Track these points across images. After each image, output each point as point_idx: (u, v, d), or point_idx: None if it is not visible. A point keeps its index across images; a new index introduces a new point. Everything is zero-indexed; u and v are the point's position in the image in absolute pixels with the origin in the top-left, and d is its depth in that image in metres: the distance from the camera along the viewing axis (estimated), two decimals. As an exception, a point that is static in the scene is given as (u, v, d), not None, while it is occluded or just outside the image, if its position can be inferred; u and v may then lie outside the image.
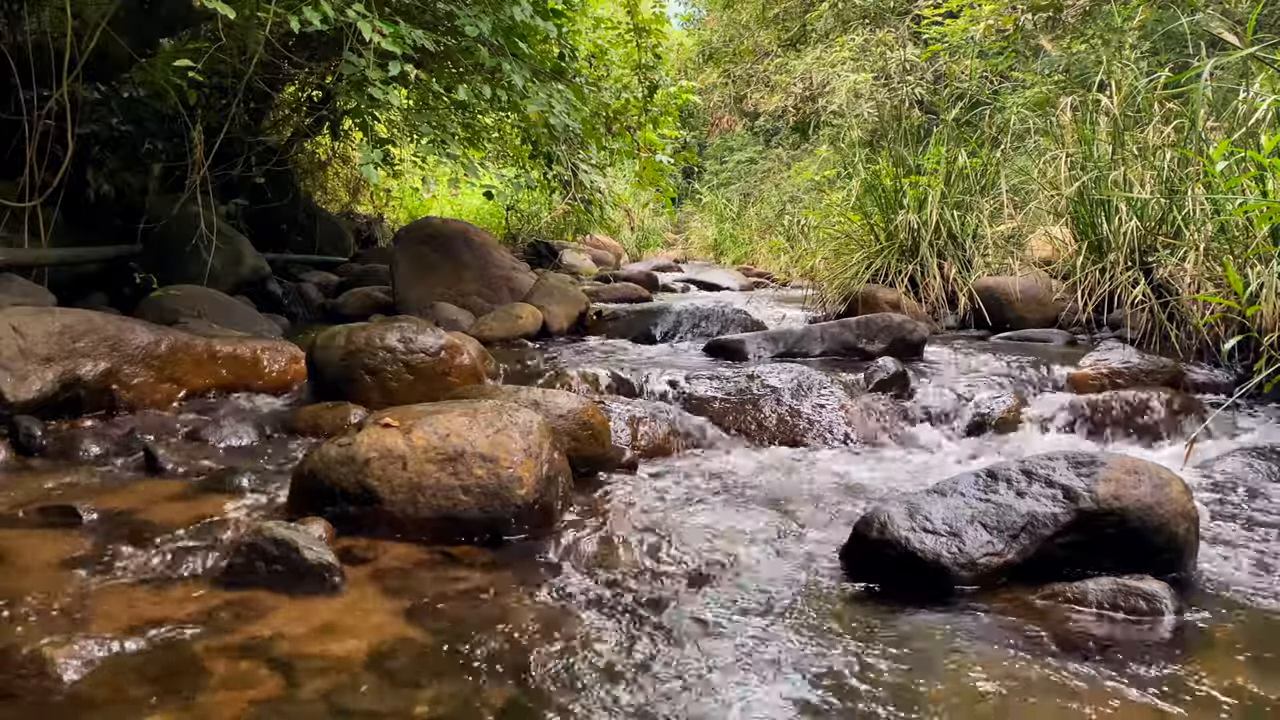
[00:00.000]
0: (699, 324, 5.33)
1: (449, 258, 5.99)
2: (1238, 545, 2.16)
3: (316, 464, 2.17)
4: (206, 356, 3.36)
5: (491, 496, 2.12)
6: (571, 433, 2.62)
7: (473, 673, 1.49)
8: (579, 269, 10.84)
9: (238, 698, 1.39)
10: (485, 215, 12.77)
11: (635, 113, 6.69)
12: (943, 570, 1.85)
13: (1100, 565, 1.88)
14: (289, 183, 7.93)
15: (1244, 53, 4.01)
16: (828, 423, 3.19)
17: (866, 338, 4.37)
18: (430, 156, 9.96)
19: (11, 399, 2.81)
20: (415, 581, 1.87)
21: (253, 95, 6.29)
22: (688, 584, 1.88)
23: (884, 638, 1.65)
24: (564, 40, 5.84)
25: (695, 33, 20.22)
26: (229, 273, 5.70)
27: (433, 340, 3.23)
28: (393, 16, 4.44)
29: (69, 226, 5.14)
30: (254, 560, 1.81)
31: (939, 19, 8.65)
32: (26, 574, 1.81)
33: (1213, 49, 5.05)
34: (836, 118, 11.79)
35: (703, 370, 3.62)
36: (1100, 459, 1.98)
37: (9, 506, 2.20)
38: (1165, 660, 1.58)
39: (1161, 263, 4.48)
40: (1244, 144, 3.94)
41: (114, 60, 4.86)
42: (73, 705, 1.37)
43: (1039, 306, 5.26)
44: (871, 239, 6.22)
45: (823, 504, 2.44)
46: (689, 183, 20.13)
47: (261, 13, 4.06)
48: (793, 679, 1.49)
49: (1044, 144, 6.24)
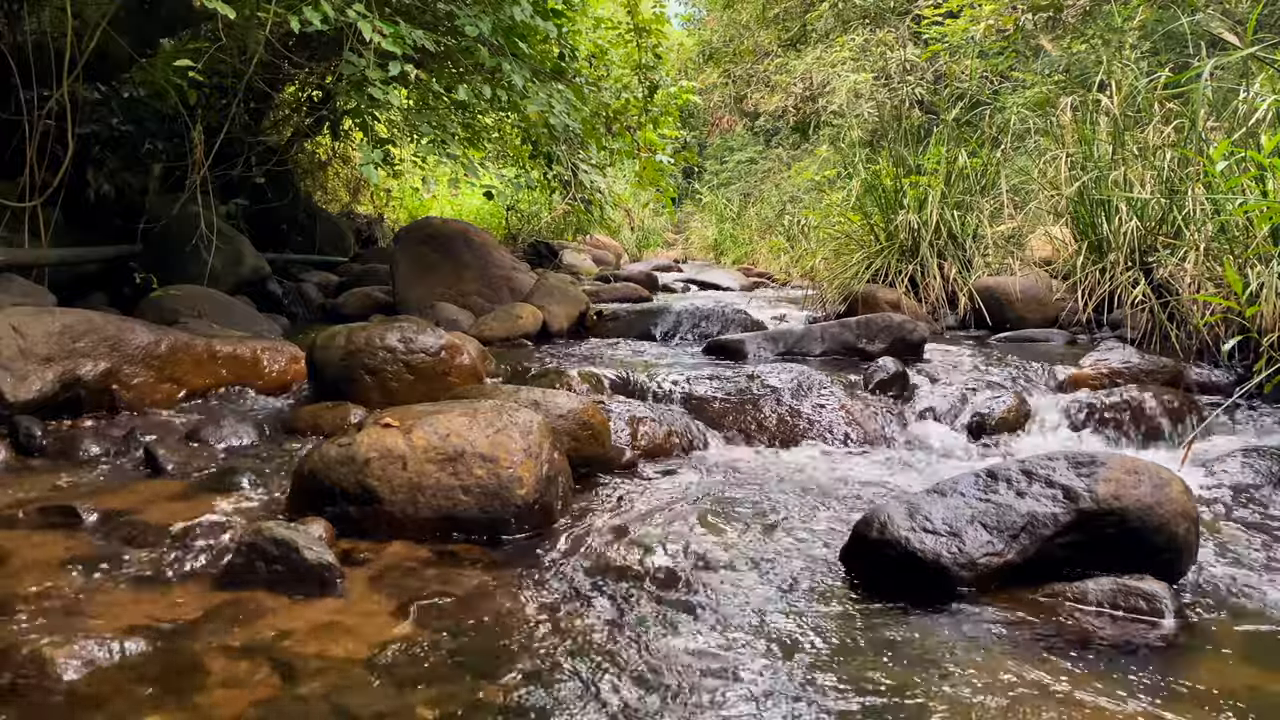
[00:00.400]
0: (699, 324, 5.33)
1: (449, 258, 5.99)
2: (1238, 545, 2.16)
3: (316, 464, 2.17)
4: (206, 356, 3.36)
5: (491, 496, 2.12)
6: (571, 433, 2.62)
7: (473, 673, 1.49)
8: (579, 269, 10.84)
9: (238, 698, 1.39)
10: (485, 215, 12.77)
11: (635, 113, 6.69)
12: (943, 570, 1.85)
13: (1100, 565, 1.88)
14: (289, 183, 7.93)
15: (1244, 53, 4.01)
16: (828, 423, 3.19)
17: (866, 338, 4.37)
18: (430, 156, 9.96)
19: (11, 399, 2.81)
20: (415, 581, 1.87)
21: (253, 95, 6.29)
22: (688, 584, 1.88)
23: (884, 637, 1.65)
24: (564, 40, 5.84)
25: (695, 33, 20.22)
26: (229, 273, 5.70)
27: (433, 340, 3.23)
28: (393, 16, 4.44)
29: (69, 226, 5.14)
30: (254, 560, 1.81)
31: (939, 19, 8.65)
32: (26, 574, 1.81)
33: (1213, 49, 5.05)
34: (836, 118, 11.78)
35: (703, 370, 3.62)
36: (1100, 459, 1.98)
37: (9, 506, 2.20)
38: (1165, 660, 1.58)
39: (1161, 263, 4.48)
40: (1244, 144, 3.94)
41: (114, 60, 4.86)
42: (73, 705, 1.37)
43: (1039, 306, 5.26)
44: (871, 239, 6.22)
45: (823, 504, 2.44)
46: (689, 183, 20.13)
47: (261, 13, 4.06)
48: (793, 679, 1.49)
49: (1044, 144, 6.24)
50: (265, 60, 4.76)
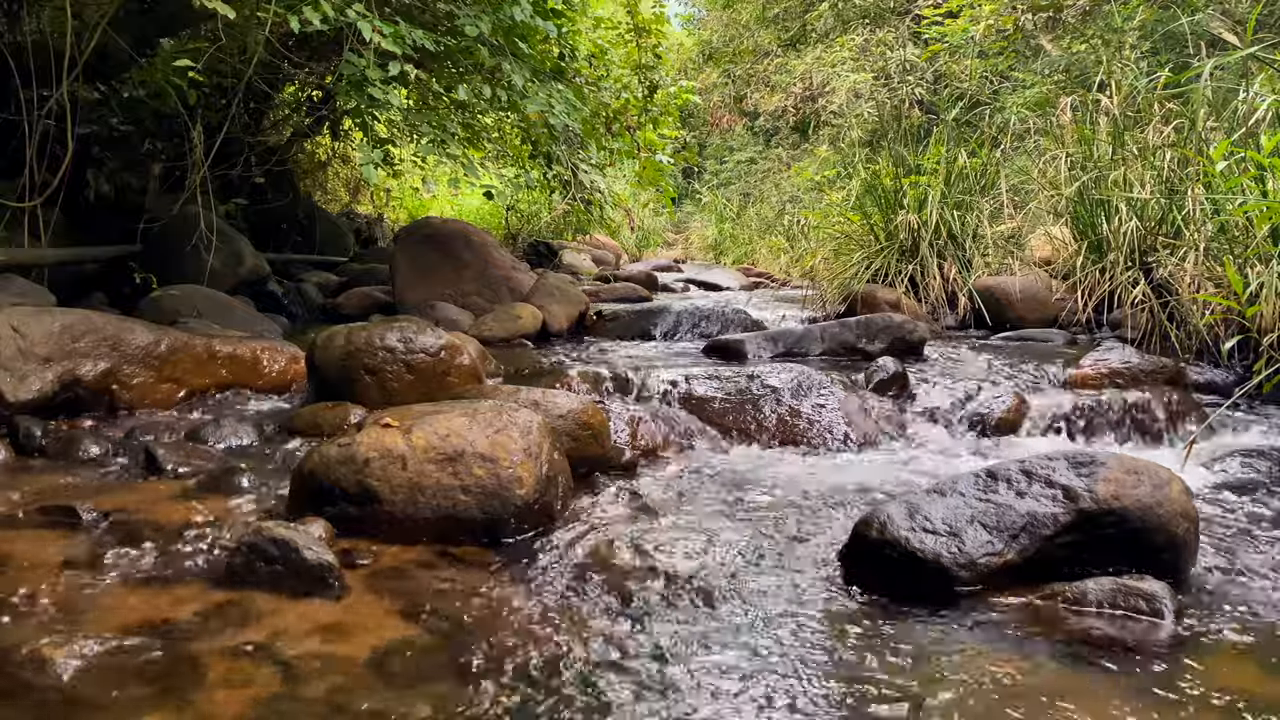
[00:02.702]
0: (699, 324, 5.33)
1: (449, 258, 5.99)
2: (1238, 545, 2.16)
3: (316, 464, 2.17)
4: (206, 356, 3.36)
5: (491, 496, 2.12)
6: (571, 433, 2.62)
7: (473, 673, 1.49)
8: (579, 269, 10.84)
9: (238, 697, 1.39)
10: (485, 215, 12.77)
11: (635, 113, 6.69)
12: (942, 570, 1.84)
13: (1100, 565, 1.88)
14: (289, 183, 7.93)
15: (1244, 53, 4.01)
16: (827, 423, 3.19)
17: (866, 338, 4.37)
18: (430, 156, 9.96)
19: (11, 399, 2.81)
20: (415, 581, 1.87)
21: (253, 95, 6.30)
22: (687, 584, 1.88)
23: (883, 637, 1.65)
24: (564, 40, 5.84)
25: (695, 33, 20.21)
26: (229, 273, 5.70)
27: (433, 340, 3.23)
28: (393, 16, 4.44)
29: (69, 226, 5.14)
30: (254, 560, 1.81)
31: (939, 19, 8.66)
32: (26, 574, 1.81)
33: (1213, 49, 5.05)
34: (836, 118, 11.79)
35: (702, 370, 3.62)
36: (1100, 459, 1.98)
37: (9, 506, 2.20)
38: (1165, 660, 1.58)
39: (1161, 263, 4.48)
40: (1244, 144, 3.94)
41: (114, 60, 4.86)
42: (73, 705, 1.37)
43: (1039, 306, 5.26)
44: (871, 239, 6.21)
45: (822, 504, 2.44)
46: (689, 183, 20.12)
47: (261, 13, 4.06)
48: (792, 679, 1.49)
49: (1044, 144, 6.23)
50: (265, 60, 4.76)
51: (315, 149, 9.61)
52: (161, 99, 5.45)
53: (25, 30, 4.47)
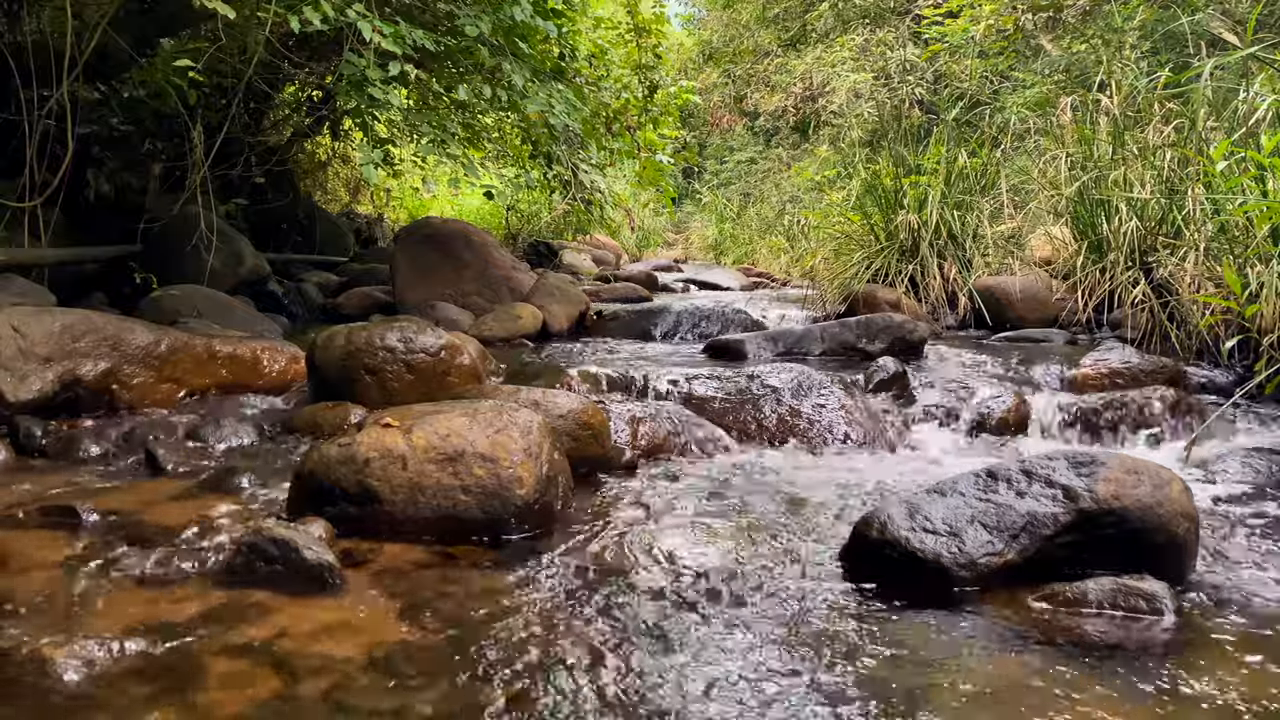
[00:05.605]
0: (699, 324, 5.33)
1: (449, 258, 5.99)
2: (1238, 545, 2.16)
3: (316, 464, 2.17)
4: (206, 356, 3.36)
5: (491, 496, 2.12)
6: (571, 433, 2.62)
7: (473, 673, 1.49)
8: (579, 269, 10.84)
9: (238, 697, 1.39)
10: (485, 215, 12.77)
11: (635, 113, 6.70)
12: (943, 570, 1.84)
13: (1100, 565, 1.88)
14: (289, 183, 7.93)
15: (1244, 53, 4.01)
16: (828, 423, 3.19)
17: (867, 338, 4.37)
18: (430, 156, 9.97)
19: (11, 399, 2.81)
20: (415, 582, 1.87)
21: (253, 95, 6.30)
22: (687, 584, 1.88)
23: (883, 638, 1.65)
24: (564, 40, 5.84)
25: (695, 33, 20.21)
26: (229, 273, 5.71)
27: (433, 340, 3.23)
28: (393, 16, 4.44)
29: (69, 226, 5.14)
30: (254, 560, 1.81)
31: (939, 19, 8.66)
32: (26, 574, 1.81)
33: (1213, 49, 5.05)
34: (836, 118, 11.79)
35: (703, 370, 3.62)
36: (1100, 459, 1.98)
37: (9, 506, 2.20)
38: (1165, 660, 1.58)
39: (1161, 263, 4.48)
40: (1244, 144, 3.94)
41: (114, 60, 4.86)
42: (73, 705, 1.37)
43: (1039, 306, 5.26)
44: (871, 239, 6.21)
45: (822, 504, 2.44)
46: (689, 183, 20.12)
47: (261, 13, 4.06)
48: (792, 679, 1.49)
49: (1044, 144, 6.24)
50: (265, 60, 4.76)
51: (315, 149, 9.62)
52: (161, 99, 5.45)
53: (25, 30, 4.47)
